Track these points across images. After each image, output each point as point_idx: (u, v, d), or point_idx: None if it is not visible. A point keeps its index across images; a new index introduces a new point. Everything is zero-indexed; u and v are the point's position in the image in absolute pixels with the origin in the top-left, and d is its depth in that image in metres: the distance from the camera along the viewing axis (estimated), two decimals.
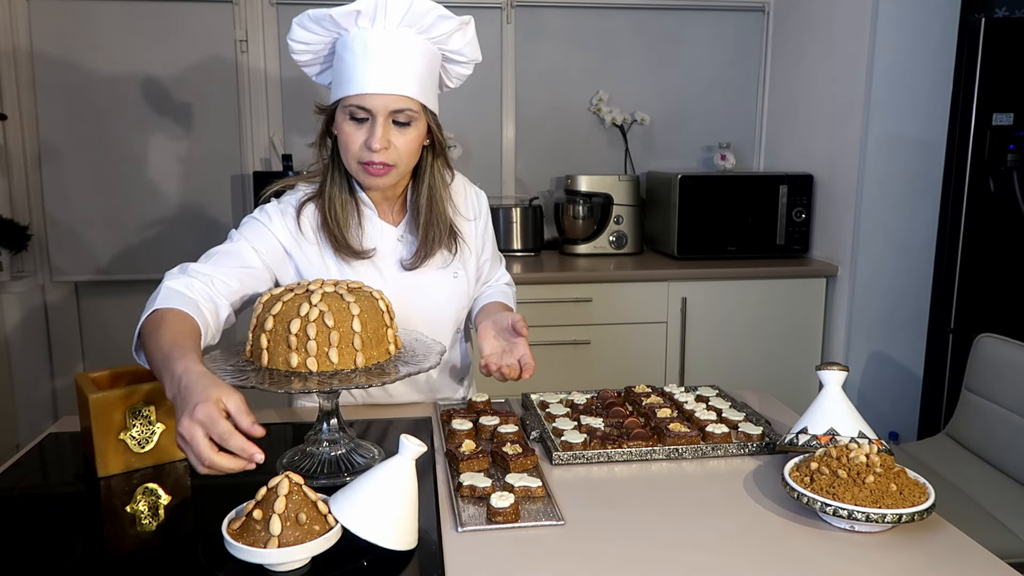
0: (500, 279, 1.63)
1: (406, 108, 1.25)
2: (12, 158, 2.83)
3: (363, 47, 1.23)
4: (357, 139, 1.26)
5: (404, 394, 1.49)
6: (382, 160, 1.26)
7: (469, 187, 1.53)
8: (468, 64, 1.37)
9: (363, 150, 1.26)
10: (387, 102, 1.24)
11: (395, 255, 1.40)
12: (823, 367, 1.20)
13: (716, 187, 2.84)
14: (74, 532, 1.00)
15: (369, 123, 1.26)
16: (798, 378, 2.75)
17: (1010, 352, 1.95)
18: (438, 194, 1.39)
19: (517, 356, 1.33)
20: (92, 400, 1.12)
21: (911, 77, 2.55)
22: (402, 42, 1.24)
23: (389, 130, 1.26)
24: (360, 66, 1.23)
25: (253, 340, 1.12)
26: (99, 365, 2.96)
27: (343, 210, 1.35)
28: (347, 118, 1.27)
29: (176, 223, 2.96)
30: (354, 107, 1.25)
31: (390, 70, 1.23)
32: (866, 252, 2.66)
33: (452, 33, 1.29)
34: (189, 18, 2.85)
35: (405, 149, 1.28)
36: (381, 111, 1.24)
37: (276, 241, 1.35)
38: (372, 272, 1.38)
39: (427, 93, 1.29)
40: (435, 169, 1.38)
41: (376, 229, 1.39)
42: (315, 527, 0.89)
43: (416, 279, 1.41)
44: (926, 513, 0.96)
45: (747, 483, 1.13)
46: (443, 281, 1.44)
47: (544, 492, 1.07)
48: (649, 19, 3.11)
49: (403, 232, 1.42)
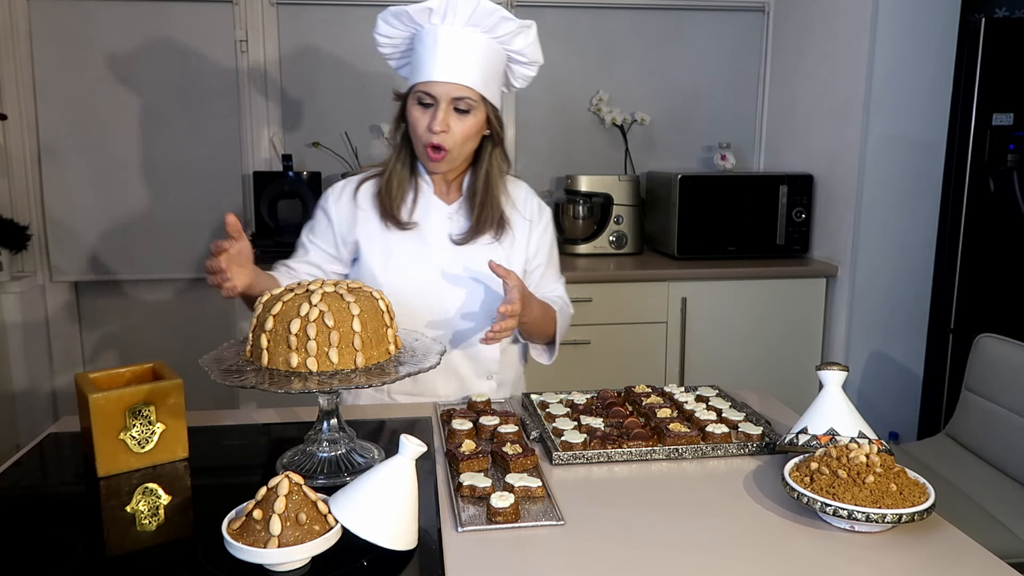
0: (554, 291, 1.63)
1: (466, 96, 1.40)
2: (12, 158, 2.83)
3: (433, 41, 1.40)
4: (423, 122, 1.42)
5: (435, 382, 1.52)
6: (439, 142, 1.42)
7: (534, 196, 1.63)
8: (531, 65, 1.51)
9: (426, 132, 1.42)
10: (449, 90, 1.39)
11: (444, 230, 1.52)
12: (823, 367, 1.20)
13: (716, 187, 2.83)
14: (74, 532, 1.00)
15: (433, 108, 1.41)
16: (798, 378, 2.75)
17: (1010, 352, 1.95)
18: (494, 180, 1.52)
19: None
20: (92, 400, 1.12)
21: (911, 77, 2.55)
22: (467, 38, 1.40)
23: (450, 115, 1.41)
24: (429, 57, 1.40)
25: (253, 340, 1.12)
26: (99, 365, 2.97)
27: (399, 186, 1.51)
28: (416, 103, 1.43)
29: (176, 223, 2.95)
30: (421, 93, 1.41)
31: (454, 62, 1.39)
32: (866, 252, 2.66)
33: (515, 34, 1.43)
34: (189, 18, 2.85)
35: (462, 134, 1.43)
36: (443, 97, 1.40)
37: (332, 226, 1.54)
38: (420, 243, 1.50)
39: (487, 86, 1.43)
40: (493, 157, 1.52)
41: (430, 204, 1.52)
42: (315, 527, 0.89)
43: (459, 257, 1.50)
44: (926, 513, 0.96)
45: (747, 483, 1.13)
46: (483, 266, 1.48)
47: (544, 492, 1.07)
48: (649, 19, 3.11)
49: (454, 211, 1.53)
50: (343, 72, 2.97)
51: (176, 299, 3.03)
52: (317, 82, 2.97)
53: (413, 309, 1.47)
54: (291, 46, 2.93)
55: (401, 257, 1.50)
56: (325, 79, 2.97)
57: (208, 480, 1.19)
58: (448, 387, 1.54)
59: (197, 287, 3.03)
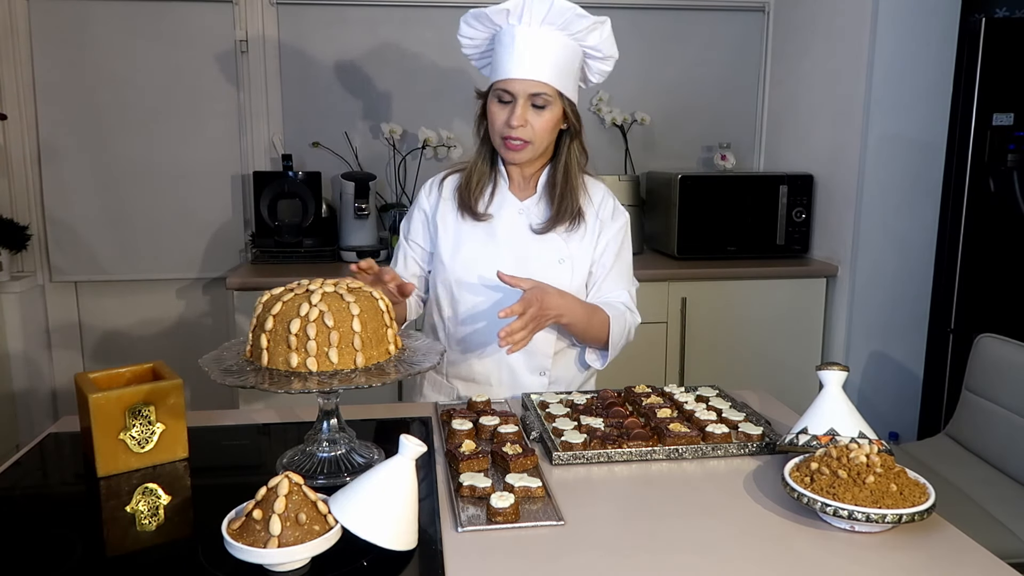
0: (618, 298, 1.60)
1: (542, 92, 1.45)
2: (12, 158, 2.83)
3: (511, 40, 1.46)
4: (501, 117, 1.48)
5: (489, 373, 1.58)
6: (519, 136, 1.47)
7: (611, 198, 1.65)
8: (607, 60, 1.55)
9: (504, 127, 1.48)
10: (526, 86, 1.45)
11: (513, 224, 1.57)
12: (823, 367, 1.20)
13: (716, 187, 2.83)
14: (74, 532, 1.00)
15: (511, 104, 1.46)
16: (798, 378, 2.75)
17: (1010, 352, 1.95)
18: (573, 171, 1.57)
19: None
20: (92, 400, 1.12)
21: (911, 77, 2.55)
22: (543, 37, 1.45)
23: (527, 111, 1.47)
24: (507, 56, 1.46)
25: (253, 340, 1.12)
26: (99, 365, 2.97)
27: (479, 180, 1.57)
28: (495, 100, 1.49)
29: (176, 223, 2.96)
30: (500, 91, 1.47)
31: (530, 59, 1.45)
32: (866, 252, 2.66)
33: (589, 31, 1.48)
34: (189, 18, 2.85)
35: (540, 128, 1.48)
36: (521, 94, 1.45)
37: (425, 217, 1.63)
38: (489, 235, 1.56)
39: (563, 81, 1.48)
40: (572, 150, 1.57)
41: (504, 199, 1.58)
42: (315, 527, 0.89)
43: (524, 251, 1.55)
44: (926, 513, 0.96)
45: (747, 483, 1.13)
46: (548, 262, 1.55)
47: (544, 492, 1.06)
48: (649, 19, 3.11)
49: (527, 207, 1.58)
50: (343, 72, 2.97)
51: (176, 299, 3.03)
52: (317, 82, 2.97)
53: (476, 299, 1.54)
54: (291, 46, 2.93)
55: (469, 248, 1.55)
56: (325, 79, 2.97)
57: (208, 480, 1.19)
58: (501, 379, 1.58)
59: (197, 287, 3.03)
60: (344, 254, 2.82)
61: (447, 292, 1.57)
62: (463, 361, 1.59)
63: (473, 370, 1.59)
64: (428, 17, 2.97)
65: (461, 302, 1.56)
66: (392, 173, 3.04)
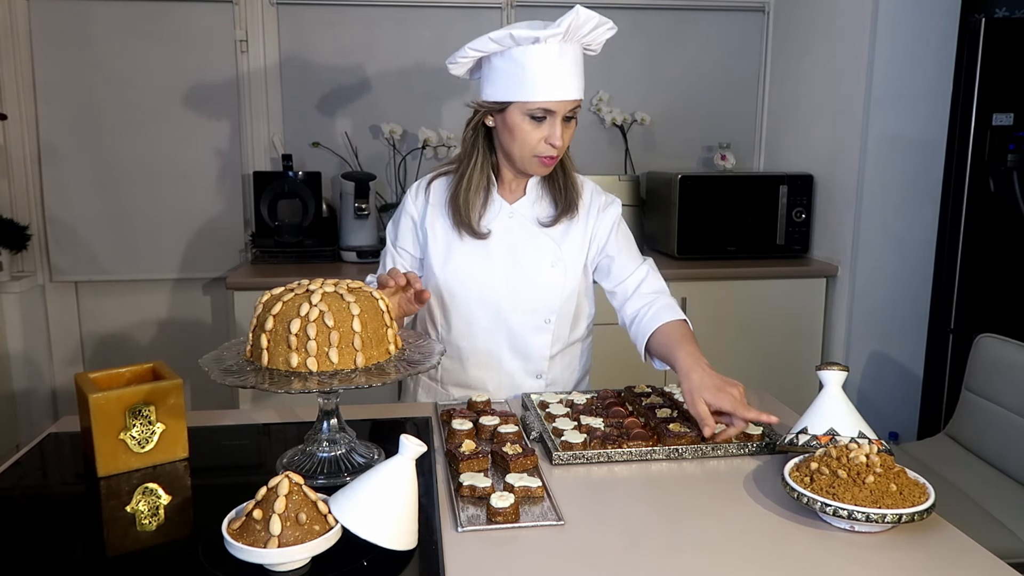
0: (648, 283, 1.61)
1: (576, 106, 1.44)
2: (12, 158, 2.83)
3: (545, 57, 1.39)
4: (535, 136, 1.43)
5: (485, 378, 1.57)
6: (557, 153, 1.45)
7: (601, 193, 1.62)
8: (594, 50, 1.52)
9: (541, 145, 1.43)
10: (567, 105, 1.42)
11: (506, 228, 1.54)
12: (823, 367, 1.20)
13: (716, 187, 2.83)
14: (74, 532, 1.00)
15: (548, 122, 1.42)
16: (798, 378, 2.75)
17: (1010, 352, 1.95)
18: (569, 161, 1.56)
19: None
20: (92, 400, 1.12)
21: (911, 77, 2.55)
22: (571, 51, 1.42)
23: (563, 126, 1.44)
24: (545, 75, 1.39)
25: (253, 340, 1.12)
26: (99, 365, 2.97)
27: (475, 192, 1.52)
28: (526, 118, 1.42)
29: (176, 223, 2.95)
30: (536, 110, 1.41)
31: (567, 79, 1.41)
32: (866, 252, 2.66)
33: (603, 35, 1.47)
34: (189, 18, 2.85)
35: (568, 139, 1.47)
36: (561, 112, 1.42)
37: (412, 223, 1.59)
38: (479, 241, 1.52)
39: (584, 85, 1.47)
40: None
41: (495, 204, 1.55)
42: (315, 527, 0.89)
43: (516, 256, 1.53)
44: (926, 513, 0.96)
45: (747, 483, 1.13)
46: (540, 266, 1.53)
47: (544, 492, 1.07)
48: (649, 19, 3.11)
49: (515, 210, 1.55)
50: (343, 72, 2.97)
51: (176, 299, 3.02)
52: (317, 82, 2.97)
53: (468, 307, 1.52)
54: (291, 46, 2.93)
55: (460, 256, 1.53)
56: (325, 79, 2.97)
57: (208, 480, 1.19)
58: (498, 383, 1.57)
59: (197, 287, 3.03)
60: (344, 254, 2.82)
61: (438, 300, 1.55)
62: (457, 368, 1.58)
63: (468, 376, 1.58)
64: (428, 17, 2.97)
65: (453, 310, 1.54)
66: (392, 173, 3.04)
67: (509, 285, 1.52)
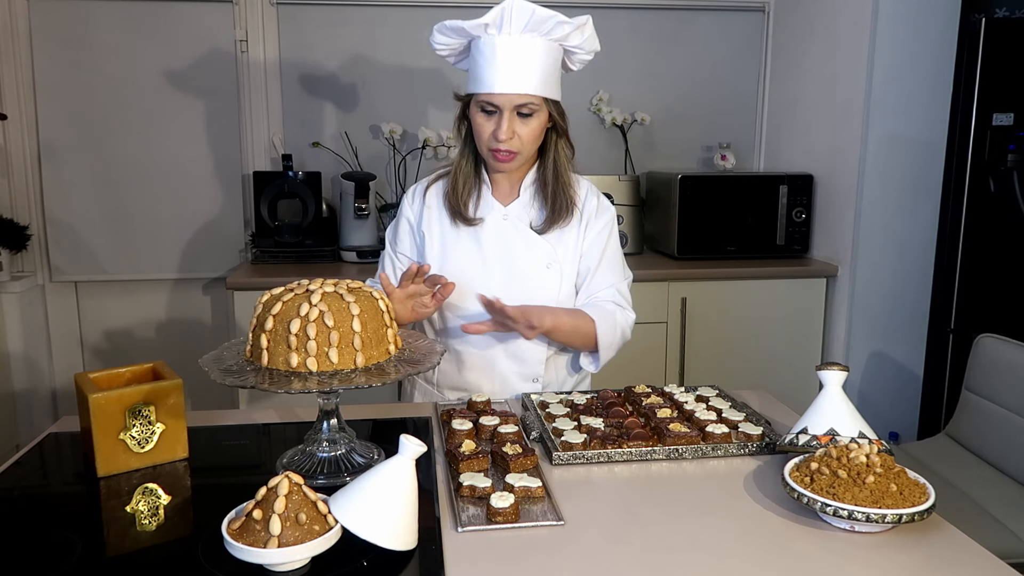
0: (607, 296, 1.58)
1: (528, 102, 1.43)
2: (12, 158, 2.83)
3: (491, 51, 1.41)
4: (487, 129, 1.45)
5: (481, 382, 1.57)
6: (507, 148, 1.45)
7: (595, 195, 1.62)
8: (588, 54, 1.53)
9: (491, 139, 1.45)
10: (512, 99, 1.42)
11: (501, 231, 1.54)
12: (823, 367, 1.20)
13: (716, 187, 2.83)
14: (74, 532, 1.00)
15: (497, 116, 1.43)
16: (798, 378, 2.75)
17: (1010, 352, 1.95)
18: (563, 168, 1.55)
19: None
20: (92, 400, 1.12)
21: (911, 77, 2.55)
22: (526, 45, 1.41)
23: (515, 121, 1.44)
24: (489, 68, 1.41)
25: (253, 340, 1.12)
26: (99, 365, 2.98)
27: (466, 182, 1.54)
28: (479, 111, 1.45)
29: (176, 223, 2.95)
30: (484, 102, 1.44)
31: (515, 71, 1.41)
32: (866, 252, 2.66)
33: (571, 33, 1.44)
34: (189, 18, 2.85)
35: (528, 137, 1.46)
36: (507, 106, 1.42)
37: (410, 226, 1.60)
38: (474, 244, 1.53)
39: (548, 86, 1.45)
40: (559, 147, 1.55)
41: (489, 205, 1.55)
42: (315, 527, 0.89)
43: (512, 258, 1.53)
44: (926, 513, 0.96)
45: (747, 483, 1.13)
46: (536, 268, 1.53)
47: (544, 492, 1.07)
48: (648, 19, 3.11)
49: (510, 212, 1.55)
50: (343, 72, 2.97)
51: (176, 299, 3.03)
52: (317, 82, 2.97)
53: (465, 309, 1.52)
54: (291, 46, 2.93)
55: (456, 259, 1.53)
56: (325, 79, 2.97)
57: (208, 480, 1.19)
58: (493, 387, 1.56)
59: (197, 287, 3.03)
60: (344, 254, 2.82)
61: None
62: (453, 371, 1.58)
63: (465, 379, 1.58)
64: (428, 17, 2.96)
65: (450, 313, 1.54)
66: (392, 173, 3.04)
67: (505, 287, 1.51)
